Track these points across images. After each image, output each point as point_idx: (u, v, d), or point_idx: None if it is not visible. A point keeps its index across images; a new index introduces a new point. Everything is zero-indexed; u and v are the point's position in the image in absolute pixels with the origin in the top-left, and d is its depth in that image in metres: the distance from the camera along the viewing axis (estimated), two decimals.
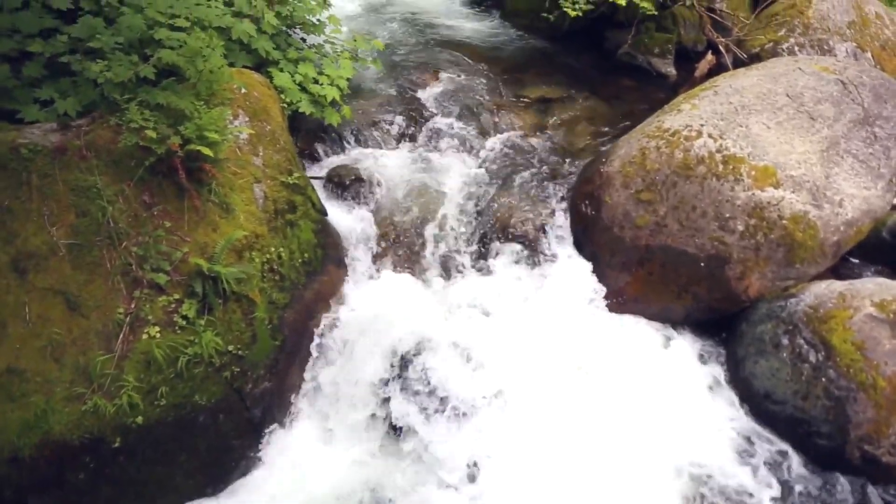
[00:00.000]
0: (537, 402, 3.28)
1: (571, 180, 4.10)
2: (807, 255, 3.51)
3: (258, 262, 3.27)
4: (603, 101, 4.95)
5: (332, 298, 3.61)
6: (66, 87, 3.26)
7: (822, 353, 3.18)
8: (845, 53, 4.65)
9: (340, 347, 3.52)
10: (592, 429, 3.22)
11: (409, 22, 5.91)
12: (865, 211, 3.62)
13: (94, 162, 3.03)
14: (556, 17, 5.23)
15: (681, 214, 3.57)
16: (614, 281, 3.73)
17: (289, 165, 3.61)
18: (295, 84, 4.08)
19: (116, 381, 2.84)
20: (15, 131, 3.03)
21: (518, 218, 3.89)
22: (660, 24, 5.44)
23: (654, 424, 3.25)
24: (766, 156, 3.57)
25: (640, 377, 3.39)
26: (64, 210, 2.94)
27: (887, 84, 3.95)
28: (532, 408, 3.27)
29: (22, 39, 3.26)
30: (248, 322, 3.18)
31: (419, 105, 4.65)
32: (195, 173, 3.16)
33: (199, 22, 3.54)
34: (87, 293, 2.90)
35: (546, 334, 3.49)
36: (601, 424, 3.24)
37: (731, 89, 3.89)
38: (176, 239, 3.08)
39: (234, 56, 3.90)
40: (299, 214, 3.54)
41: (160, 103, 3.10)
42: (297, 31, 4.57)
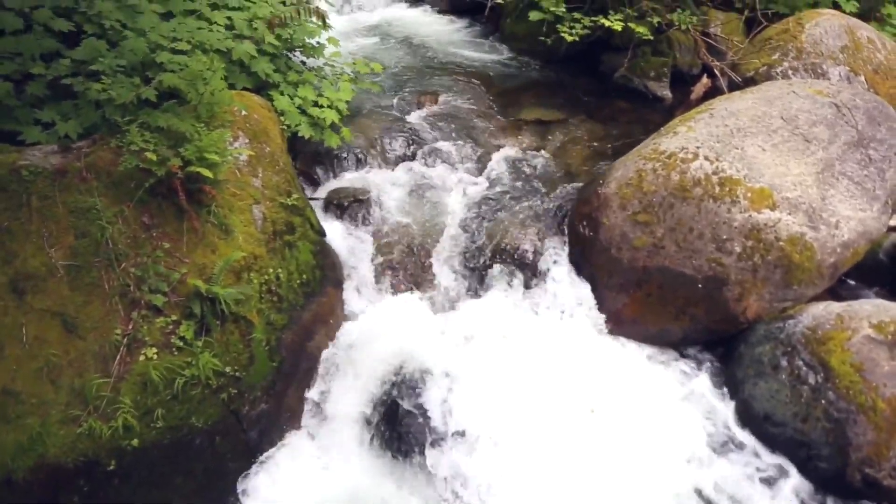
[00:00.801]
0: (532, 429, 3.26)
1: (569, 202, 4.12)
2: (804, 277, 3.52)
3: (256, 283, 3.27)
4: (600, 123, 5.00)
5: (330, 320, 3.60)
6: (67, 109, 3.29)
7: (821, 374, 3.18)
8: (839, 77, 4.71)
9: (338, 370, 3.51)
10: (589, 455, 3.20)
11: (408, 45, 5.99)
12: (861, 233, 3.64)
13: (94, 184, 3.04)
14: (553, 42, 5.30)
15: (678, 236, 3.59)
16: (612, 302, 3.73)
17: (288, 187, 3.63)
18: (295, 107, 4.12)
19: (112, 404, 2.82)
20: (16, 153, 3.05)
21: (516, 239, 3.90)
22: (655, 48, 5.51)
23: (651, 448, 3.23)
24: (761, 178, 3.60)
25: (638, 401, 3.38)
26: (63, 231, 2.95)
27: (880, 107, 3.99)
28: (528, 434, 3.25)
29: (24, 61, 3.29)
30: (246, 343, 3.17)
31: (418, 127, 4.69)
32: (195, 195, 3.17)
33: (200, 45, 3.58)
34: (85, 314, 2.89)
35: (542, 357, 3.48)
36: (598, 451, 3.22)
37: (726, 112, 3.93)
38: (174, 260, 3.09)
39: (234, 78, 3.94)
40: (298, 236, 3.55)
41: (161, 125, 3.13)
42: (297, 53, 4.62)
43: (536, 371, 3.43)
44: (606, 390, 3.42)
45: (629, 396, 3.40)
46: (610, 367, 3.52)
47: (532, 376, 3.41)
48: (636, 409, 3.36)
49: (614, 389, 3.42)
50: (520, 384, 3.39)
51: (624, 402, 3.38)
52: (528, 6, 5.49)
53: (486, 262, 3.87)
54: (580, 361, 3.52)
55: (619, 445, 3.24)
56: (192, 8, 3.98)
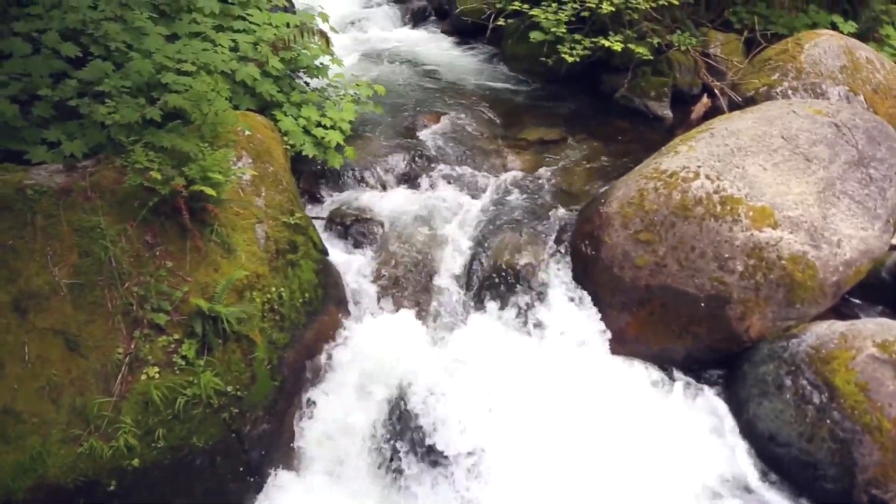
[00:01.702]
0: (533, 451, 3.24)
1: (571, 220, 4.13)
2: (807, 296, 3.51)
3: (259, 301, 3.27)
4: (601, 142, 5.03)
5: (332, 339, 3.60)
6: (73, 129, 3.31)
7: (826, 394, 3.16)
8: (838, 97, 4.74)
9: (339, 389, 3.50)
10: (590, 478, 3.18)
11: (411, 65, 6.04)
12: (864, 251, 3.64)
13: (98, 202, 3.06)
14: (554, 62, 5.35)
15: (680, 255, 3.59)
16: (615, 321, 3.72)
17: (291, 206, 3.65)
18: (298, 127, 4.15)
19: (113, 423, 2.82)
20: (22, 172, 3.08)
21: (518, 258, 3.90)
22: (655, 69, 5.55)
23: (655, 470, 3.21)
24: (763, 197, 3.61)
25: (641, 421, 3.36)
26: (67, 250, 2.96)
27: (880, 126, 4.01)
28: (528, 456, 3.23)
29: (32, 83, 3.33)
30: (248, 362, 3.16)
31: (420, 146, 4.72)
32: (198, 214, 3.19)
33: (205, 66, 3.63)
34: (87, 333, 2.89)
35: (544, 377, 3.47)
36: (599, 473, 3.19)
37: (726, 131, 3.95)
38: (177, 279, 3.09)
39: (238, 99, 3.99)
40: (300, 254, 3.56)
41: (165, 145, 3.16)
42: (300, 74, 4.67)
43: (538, 391, 3.42)
44: (609, 411, 3.40)
45: (632, 416, 3.38)
46: (613, 387, 3.50)
47: (534, 397, 3.40)
48: (638, 429, 3.34)
49: (617, 410, 3.40)
50: (522, 405, 3.37)
51: (627, 423, 3.36)
52: (529, 27, 5.55)
53: (487, 280, 3.87)
54: (582, 381, 3.50)
55: (620, 468, 3.22)
56: (197, 30, 4.04)
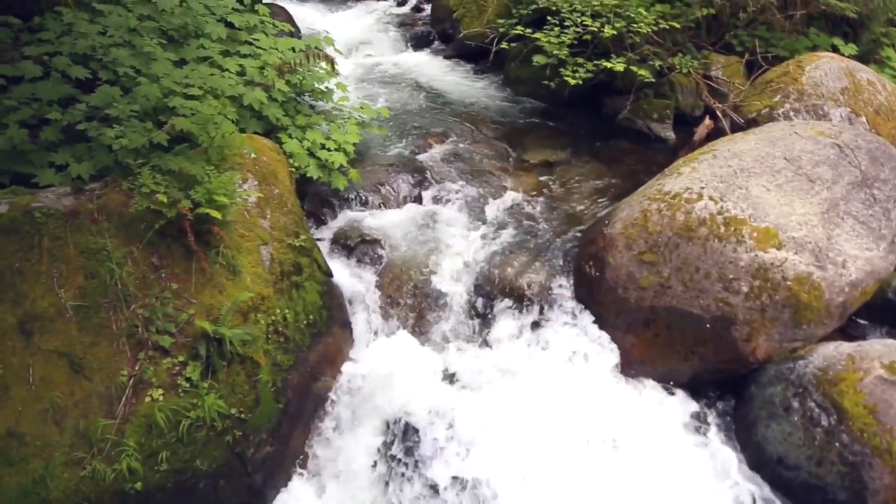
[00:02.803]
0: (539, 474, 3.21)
1: (575, 242, 4.14)
2: (813, 317, 3.50)
3: (263, 323, 3.27)
4: (604, 164, 5.05)
5: (336, 361, 3.59)
6: (81, 152, 3.35)
7: (834, 416, 3.12)
8: (840, 118, 4.76)
9: (343, 412, 3.48)
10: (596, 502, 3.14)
11: (415, 88, 6.11)
12: (869, 272, 3.62)
13: (105, 225, 3.08)
14: (557, 84, 5.40)
15: (685, 276, 3.58)
16: (620, 342, 3.70)
17: (295, 228, 3.67)
18: (303, 149, 4.19)
19: (117, 446, 2.80)
20: (30, 195, 3.10)
21: (522, 279, 3.90)
22: (657, 91, 5.60)
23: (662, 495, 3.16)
24: (767, 217, 3.61)
25: (647, 444, 3.32)
26: (73, 272, 2.97)
27: (883, 147, 4.02)
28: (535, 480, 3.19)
29: (41, 107, 3.38)
30: (252, 385, 3.15)
31: (424, 168, 4.75)
32: (204, 236, 3.20)
33: (212, 91, 3.67)
34: (92, 355, 2.89)
35: (550, 399, 3.44)
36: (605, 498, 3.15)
37: (729, 153, 3.96)
38: (182, 301, 3.10)
39: (245, 122, 4.03)
40: (305, 276, 3.57)
41: (172, 168, 3.18)
42: (306, 97, 4.73)
43: (544, 414, 3.39)
44: (615, 433, 3.37)
45: (638, 439, 3.35)
46: (619, 409, 3.47)
47: (539, 420, 3.37)
48: (645, 452, 3.31)
49: (623, 432, 3.37)
50: (527, 428, 3.34)
51: (632, 446, 3.32)
52: (531, 51, 5.62)
53: (492, 302, 3.87)
54: (588, 403, 3.47)
55: (627, 492, 3.17)
56: (204, 55, 4.10)
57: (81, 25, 3.71)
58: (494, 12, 6.47)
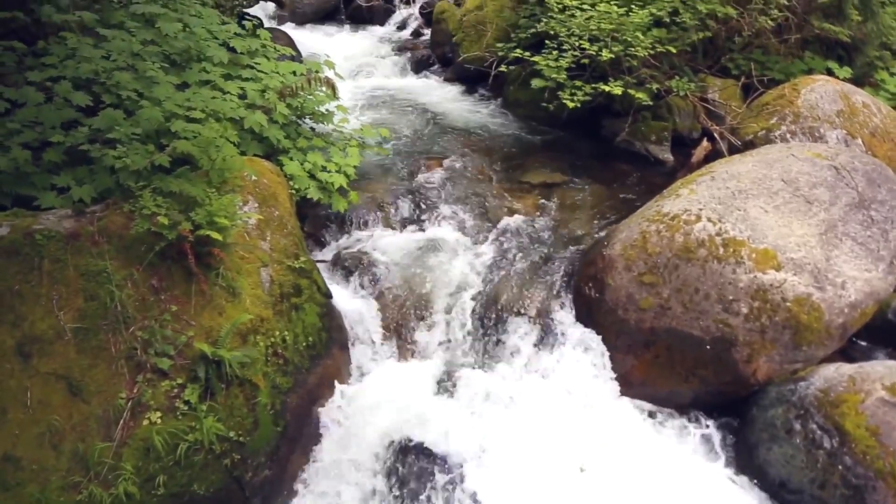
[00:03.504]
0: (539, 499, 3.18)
1: (574, 263, 4.14)
2: (813, 338, 3.49)
3: (262, 345, 3.26)
4: (603, 185, 5.08)
5: (335, 383, 3.57)
6: (83, 174, 3.37)
7: (837, 438, 3.10)
8: (836, 140, 4.80)
9: (342, 435, 3.45)
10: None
11: (415, 111, 6.17)
12: (868, 293, 3.63)
13: (105, 247, 3.09)
14: (556, 107, 5.44)
15: (684, 297, 3.58)
16: (621, 364, 3.69)
17: (295, 250, 3.67)
18: (304, 171, 4.21)
19: (114, 470, 2.78)
20: (31, 217, 3.11)
21: (522, 301, 3.90)
22: (655, 113, 5.65)
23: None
24: (765, 239, 3.62)
25: (648, 468, 3.29)
26: (73, 294, 2.97)
27: (879, 169, 4.05)
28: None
29: (44, 130, 3.40)
30: (251, 407, 3.13)
31: (424, 190, 4.77)
32: (204, 258, 3.21)
33: (214, 114, 3.70)
34: (90, 378, 2.88)
35: (550, 422, 3.42)
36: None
37: (727, 174, 3.99)
38: (182, 323, 3.10)
39: (246, 145, 4.06)
40: (305, 298, 3.57)
41: (173, 190, 3.20)
42: (307, 120, 4.77)
43: (542, 438, 3.37)
44: (616, 457, 3.34)
45: (639, 463, 3.32)
46: (619, 432, 3.45)
47: (540, 443, 3.35)
48: (645, 476, 3.27)
49: (624, 456, 3.34)
50: (528, 452, 3.32)
51: (634, 470, 3.29)
52: (530, 74, 5.68)
53: (492, 324, 3.86)
54: (590, 426, 3.45)
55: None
56: (206, 79, 4.15)
57: (85, 50, 3.75)
58: (493, 36, 6.56)
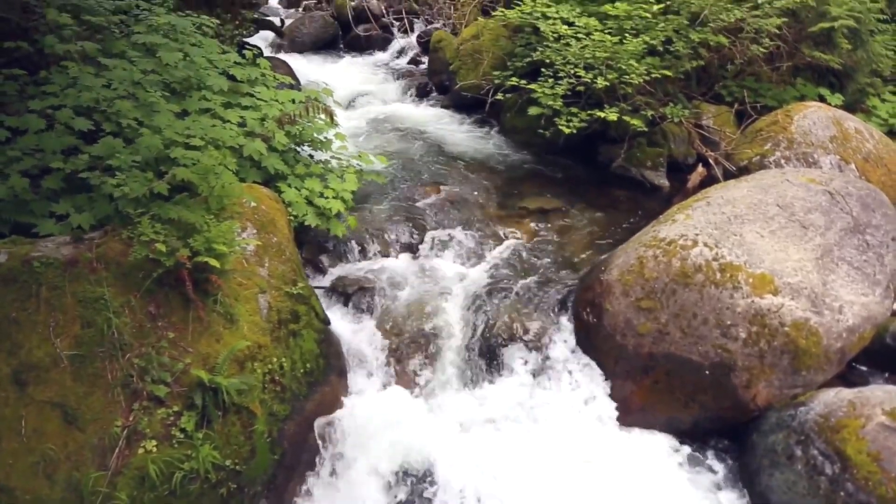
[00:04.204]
0: None
1: (572, 288, 4.15)
2: (812, 363, 3.48)
3: (260, 372, 3.25)
4: (599, 211, 5.11)
5: (333, 410, 3.55)
6: (81, 202, 3.38)
7: (838, 464, 3.08)
8: (830, 165, 4.85)
9: (339, 461, 3.42)
10: None
11: (413, 138, 6.22)
12: (866, 317, 3.63)
13: (103, 274, 3.09)
14: (552, 134, 5.51)
15: (682, 322, 3.58)
16: (620, 390, 3.68)
17: (293, 276, 3.68)
18: (302, 198, 4.24)
19: (109, 500, 2.74)
20: (29, 245, 3.12)
21: (520, 327, 3.90)
22: (650, 139, 5.71)
23: None
24: (762, 263, 3.64)
25: (649, 498, 3.25)
26: (70, 321, 2.96)
27: (873, 194, 4.09)
28: None
29: (44, 157, 3.43)
30: (248, 435, 3.11)
31: (422, 216, 4.80)
32: (202, 284, 3.21)
33: (213, 142, 3.74)
34: (86, 406, 2.86)
35: (549, 450, 3.39)
36: None
37: (722, 200, 4.02)
38: (179, 350, 3.08)
39: (245, 172, 4.08)
40: (302, 324, 3.56)
41: (172, 217, 3.21)
42: (305, 147, 4.81)
43: (544, 466, 3.33)
44: (616, 486, 3.30)
45: (639, 492, 3.28)
46: (619, 459, 3.42)
47: (539, 471, 3.31)
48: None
49: (624, 485, 3.31)
50: (527, 480, 3.28)
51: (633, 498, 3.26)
52: (526, 101, 5.75)
53: (490, 351, 3.85)
54: (589, 453, 3.42)
55: None
56: (206, 107, 4.19)
57: (87, 79, 3.79)
58: (490, 65, 6.65)
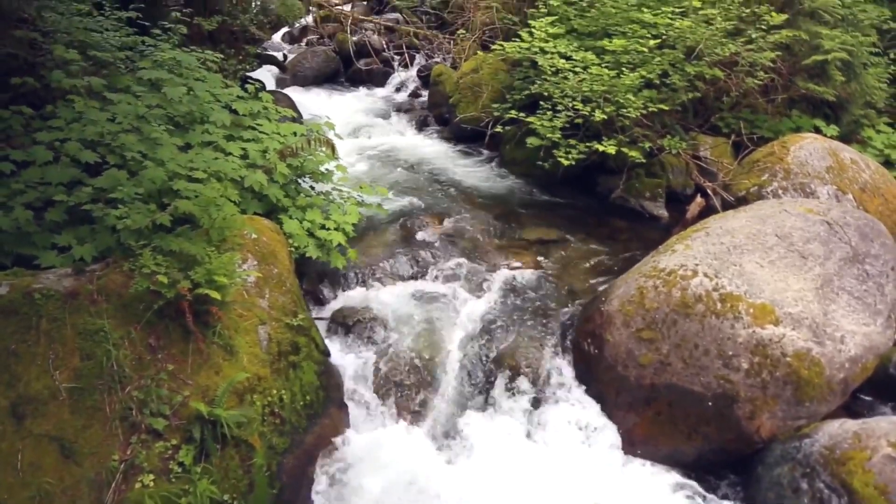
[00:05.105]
0: None
1: (573, 319, 4.14)
2: (815, 393, 3.46)
3: (259, 405, 3.22)
4: (599, 241, 5.13)
5: (332, 443, 3.51)
6: (84, 234, 3.40)
7: (845, 498, 3.04)
8: (827, 196, 4.88)
9: (338, 498, 3.37)
10: None
11: (413, 169, 6.28)
12: (868, 347, 3.62)
13: (104, 306, 3.09)
14: (551, 165, 5.56)
15: (684, 352, 3.57)
16: (622, 421, 3.65)
17: (294, 307, 3.68)
18: (303, 229, 4.26)
19: None
20: (30, 277, 3.13)
21: (521, 359, 3.88)
22: (649, 171, 5.76)
23: None
24: (762, 293, 3.64)
25: None
26: (69, 354, 2.95)
27: (871, 224, 4.11)
28: None
29: (48, 190, 3.46)
30: (246, 469, 3.07)
31: (422, 247, 4.81)
32: (202, 316, 3.21)
33: (215, 174, 3.77)
34: (84, 439, 2.83)
35: (552, 483, 3.34)
36: None
37: (721, 230, 4.04)
38: (178, 382, 3.07)
39: (246, 203, 4.11)
40: (302, 356, 3.55)
41: (173, 249, 3.23)
42: (306, 179, 4.85)
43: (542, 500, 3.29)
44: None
45: None
46: (621, 493, 3.37)
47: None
48: None
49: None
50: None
51: None
52: (525, 133, 5.82)
53: (491, 382, 3.83)
54: (592, 489, 3.37)
55: None
56: (209, 140, 4.24)
57: (92, 113, 3.85)
58: (489, 97, 6.75)
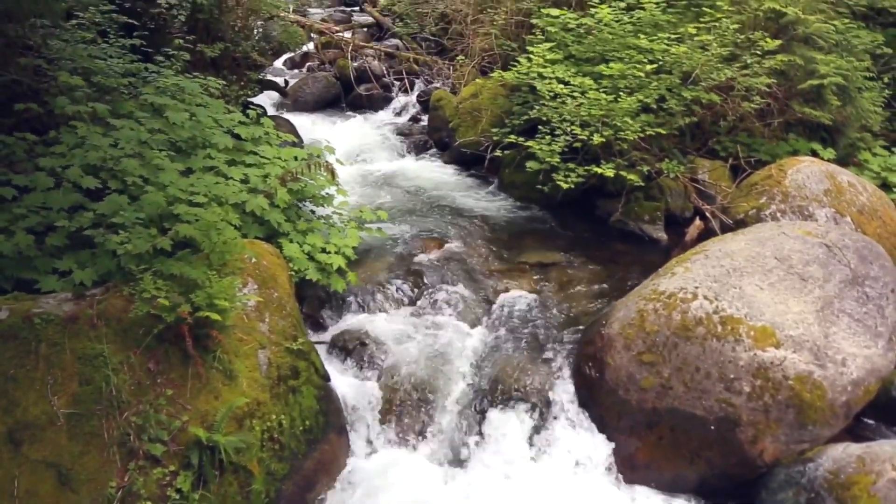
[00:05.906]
0: None
1: (573, 343, 4.13)
2: (818, 417, 3.44)
3: (258, 430, 3.20)
4: (599, 265, 5.13)
5: (332, 468, 3.48)
6: (85, 258, 3.41)
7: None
8: (825, 218, 4.90)
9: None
10: None
11: (413, 193, 6.31)
12: (870, 370, 3.60)
13: (103, 330, 3.08)
14: (550, 189, 5.59)
15: (685, 376, 3.55)
16: (624, 446, 3.61)
17: (294, 331, 3.67)
18: (303, 253, 4.27)
19: None
20: (31, 301, 3.12)
21: (521, 383, 3.86)
22: (648, 194, 5.79)
23: None
24: (762, 316, 3.63)
25: None
26: (68, 378, 2.94)
27: (870, 246, 4.12)
28: None
29: (49, 215, 3.47)
30: (245, 496, 3.04)
31: (422, 271, 4.81)
32: (202, 340, 3.20)
33: (216, 198, 3.79)
34: (81, 466, 2.80)
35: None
36: None
37: (720, 253, 4.05)
38: (177, 407, 3.05)
39: (247, 228, 4.13)
40: (302, 381, 3.53)
41: (174, 273, 3.23)
42: (307, 203, 4.87)
43: None
44: None
45: None
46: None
47: None
48: None
49: None
50: None
51: None
52: (525, 157, 5.86)
53: (491, 407, 3.80)
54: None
55: None
56: (211, 164, 4.27)
57: (95, 138, 3.88)
58: (488, 122, 6.81)
